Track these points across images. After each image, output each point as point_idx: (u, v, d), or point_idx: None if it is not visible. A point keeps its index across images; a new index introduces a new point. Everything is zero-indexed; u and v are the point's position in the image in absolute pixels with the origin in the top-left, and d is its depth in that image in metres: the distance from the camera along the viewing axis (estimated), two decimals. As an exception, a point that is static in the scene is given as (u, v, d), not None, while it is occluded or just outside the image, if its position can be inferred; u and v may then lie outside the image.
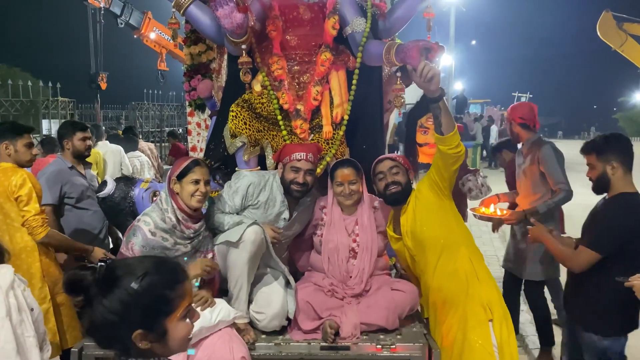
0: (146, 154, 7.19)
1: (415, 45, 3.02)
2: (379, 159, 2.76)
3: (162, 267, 1.32)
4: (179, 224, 2.50)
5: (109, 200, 3.28)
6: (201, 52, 4.46)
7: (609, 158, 2.62)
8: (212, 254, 2.68)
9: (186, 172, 2.53)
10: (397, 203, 2.63)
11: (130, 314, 1.24)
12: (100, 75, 13.31)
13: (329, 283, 2.75)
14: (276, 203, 2.89)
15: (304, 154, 2.85)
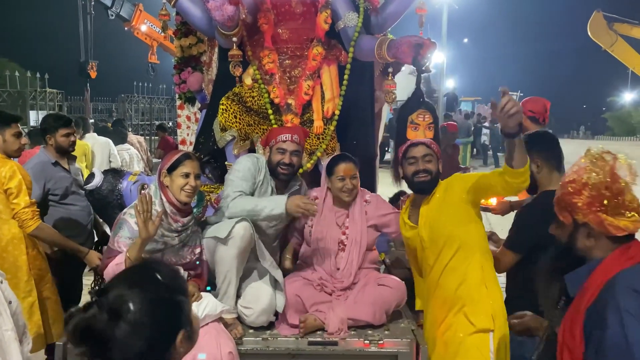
0: (135, 147, 7.13)
1: (407, 41, 3.03)
2: (413, 142, 2.58)
3: (158, 264, 1.28)
4: (166, 217, 2.48)
5: (97, 193, 3.24)
6: (192, 44, 4.40)
7: (533, 157, 2.55)
8: (200, 248, 2.66)
9: (177, 165, 2.50)
10: (422, 192, 2.51)
11: (168, 319, 1.17)
12: (90, 63, 13.03)
13: (318, 277, 2.75)
14: (269, 186, 2.86)
15: (289, 135, 2.82)
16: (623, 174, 1.50)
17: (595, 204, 1.48)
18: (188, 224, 2.57)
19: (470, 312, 2.33)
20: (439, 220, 2.40)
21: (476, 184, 2.39)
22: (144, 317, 1.11)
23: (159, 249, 2.49)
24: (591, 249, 1.54)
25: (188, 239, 2.58)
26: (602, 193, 1.48)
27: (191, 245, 2.60)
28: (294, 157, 2.82)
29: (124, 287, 1.15)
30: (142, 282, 1.18)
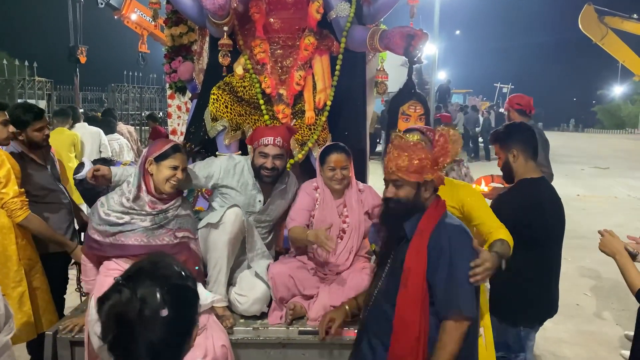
0: (125, 136, 7.08)
1: (400, 32, 3.02)
2: (409, 128, 2.44)
3: (170, 258, 1.35)
4: (136, 200, 2.48)
5: (86, 183, 3.20)
6: (182, 33, 4.38)
7: (510, 146, 2.72)
8: (186, 234, 2.61)
9: (166, 156, 2.49)
10: None
11: (189, 311, 1.27)
12: (80, 48, 12.79)
13: (315, 262, 2.77)
14: (248, 186, 2.87)
15: (271, 139, 2.79)
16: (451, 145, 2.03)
17: (437, 166, 2.01)
18: (168, 208, 2.55)
19: None
20: None
21: (473, 218, 2.39)
22: (170, 308, 1.20)
23: (127, 230, 2.48)
24: (426, 200, 2.05)
25: (167, 222, 2.55)
26: (440, 158, 2.01)
27: (171, 228, 2.56)
28: (276, 161, 2.80)
29: (149, 276, 1.23)
30: (166, 273, 1.25)
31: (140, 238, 2.49)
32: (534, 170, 2.74)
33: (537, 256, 2.59)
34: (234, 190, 2.86)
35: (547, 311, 2.78)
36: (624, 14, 20.65)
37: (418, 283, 1.92)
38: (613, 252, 2.13)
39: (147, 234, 2.50)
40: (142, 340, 1.18)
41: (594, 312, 4.93)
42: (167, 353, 1.22)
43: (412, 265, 1.94)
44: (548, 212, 2.66)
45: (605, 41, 20.88)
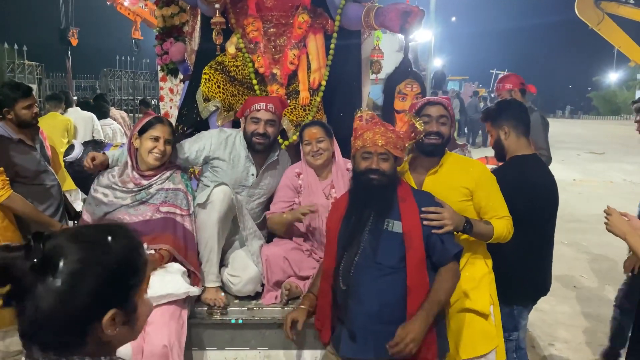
0: (118, 122, 7.01)
1: (395, 9, 2.96)
2: (431, 100, 2.45)
3: (119, 230, 1.08)
4: (121, 176, 2.49)
5: (77, 165, 3.14)
6: (174, 14, 4.29)
7: (501, 124, 2.71)
8: (173, 208, 2.56)
9: (147, 128, 2.50)
10: (430, 154, 2.41)
11: (100, 290, 0.98)
12: (71, 30, 12.60)
13: (309, 244, 2.74)
14: (240, 158, 2.82)
15: (263, 104, 2.78)
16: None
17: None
18: (151, 184, 2.53)
19: (473, 296, 2.34)
20: (442, 194, 2.29)
21: (478, 204, 2.37)
22: (71, 278, 0.95)
23: (110, 211, 2.48)
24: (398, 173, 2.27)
25: (149, 197, 2.52)
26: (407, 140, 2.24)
27: (154, 203, 2.53)
28: (268, 127, 2.77)
29: (67, 239, 1.00)
30: (89, 241, 1.02)
31: (122, 216, 2.48)
32: (525, 147, 2.71)
33: (528, 234, 2.54)
34: (225, 162, 2.81)
35: (540, 289, 2.76)
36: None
37: (420, 244, 2.08)
38: (623, 232, 2.08)
39: (128, 212, 2.49)
40: (29, 309, 0.94)
41: (591, 294, 4.92)
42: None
43: (412, 229, 2.09)
44: (539, 189, 2.62)
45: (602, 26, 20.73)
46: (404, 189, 2.21)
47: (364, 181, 2.15)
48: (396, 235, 2.09)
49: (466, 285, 2.33)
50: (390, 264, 2.07)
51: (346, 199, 2.27)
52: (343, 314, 2.13)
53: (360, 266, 2.10)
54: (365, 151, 2.15)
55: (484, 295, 2.36)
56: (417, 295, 2.04)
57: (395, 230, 2.10)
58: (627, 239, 2.07)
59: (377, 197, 2.13)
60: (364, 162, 2.16)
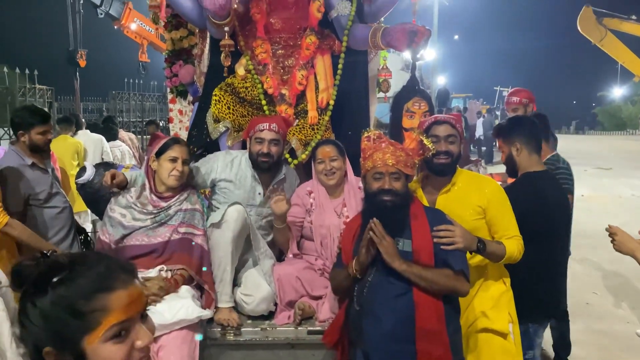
0: (127, 143, 7.07)
1: (402, 29, 3.00)
2: (438, 119, 2.46)
3: (90, 269, 1.02)
4: (139, 197, 2.49)
5: (88, 187, 3.17)
6: (182, 37, 4.37)
7: (513, 140, 2.69)
8: (189, 228, 2.58)
9: (165, 150, 2.52)
10: (441, 174, 2.42)
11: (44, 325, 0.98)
12: (79, 52, 12.79)
13: (321, 263, 2.73)
14: (247, 178, 2.85)
15: (267, 124, 2.81)
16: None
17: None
18: (170, 205, 2.54)
19: (492, 315, 2.32)
20: (455, 212, 2.30)
21: (490, 222, 2.36)
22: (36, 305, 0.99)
23: (127, 234, 2.48)
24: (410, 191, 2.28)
25: (168, 219, 2.54)
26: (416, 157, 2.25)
27: (173, 224, 2.54)
28: (272, 147, 2.80)
29: (55, 267, 1.01)
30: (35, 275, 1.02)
31: (142, 238, 2.48)
32: (537, 164, 2.70)
33: (542, 251, 2.52)
34: (231, 183, 2.84)
35: (555, 307, 2.74)
36: (622, 15, 20.68)
37: (429, 260, 2.07)
38: (632, 249, 2.08)
39: (147, 233, 2.49)
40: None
41: (604, 310, 4.86)
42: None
43: (421, 247, 2.09)
44: (552, 206, 2.60)
45: (605, 42, 20.89)
46: (416, 207, 2.21)
47: (377, 202, 2.14)
48: (407, 254, 2.08)
49: (484, 305, 2.32)
50: (403, 283, 2.05)
51: (359, 219, 2.27)
52: (357, 335, 2.12)
53: (373, 286, 2.09)
54: (376, 172, 2.15)
55: (503, 314, 2.34)
56: (425, 311, 2.02)
57: (406, 249, 2.09)
58: (636, 256, 2.05)
59: (390, 217, 2.12)
60: (376, 183, 2.15)
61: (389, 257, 2.02)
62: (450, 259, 2.08)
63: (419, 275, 2.02)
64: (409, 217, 2.16)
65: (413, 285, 2.04)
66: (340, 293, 2.36)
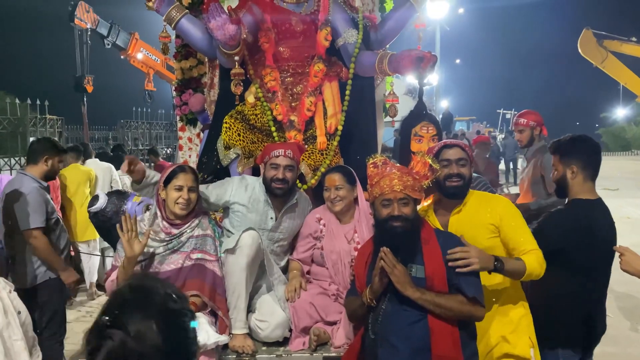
0: (135, 172, 7.12)
1: (408, 55, 3.05)
2: (448, 144, 2.50)
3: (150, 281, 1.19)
4: (150, 225, 2.53)
5: (101, 215, 3.20)
6: (192, 66, 4.45)
7: (570, 162, 2.52)
8: (202, 254, 2.59)
9: (171, 178, 2.55)
10: (454, 197, 2.43)
11: (186, 340, 1.13)
12: (87, 77, 12.96)
13: (335, 288, 2.73)
14: (260, 203, 2.88)
15: (282, 151, 2.85)
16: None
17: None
18: (182, 232, 2.55)
19: (512, 340, 2.31)
20: (469, 233, 2.30)
21: (505, 240, 2.34)
22: (167, 338, 1.06)
23: (142, 260, 2.49)
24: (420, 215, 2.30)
25: (180, 246, 2.56)
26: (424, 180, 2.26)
27: (185, 250, 2.56)
28: (287, 173, 2.83)
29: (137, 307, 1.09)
30: (155, 299, 1.11)
31: (155, 265, 2.50)
32: (591, 192, 2.54)
33: (588, 280, 2.44)
34: (244, 207, 2.86)
35: (597, 336, 2.60)
36: (622, 37, 20.89)
37: (443, 286, 2.07)
38: (639, 269, 2.04)
39: (159, 260, 2.50)
40: None
41: (619, 333, 4.80)
42: None
43: (434, 273, 2.08)
44: (603, 237, 2.44)
45: (606, 64, 21.07)
46: (426, 231, 2.21)
47: (387, 229, 2.14)
48: (420, 280, 2.08)
49: (504, 329, 2.30)
50: (417, 310, 2.05)
51: (371, 246, 2.27)
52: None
53: (388, 314, 2.09)
54: (384, 198, 2.15)
55: (524, 339, 2.32)
56: (440, 338, 2.02)
57: (419, 275, 2.09)
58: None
59: (401, 243, 2.12)
60: (385, 210, 2.15)
61: (402, 285, 2.02)
62: (463, 285, 2.07)
63: (432, 302, 2.02)
64: (420, 242, 2.15)
65: (427, 312, 2.03)
66: (356, 320, 2.36)
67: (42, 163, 3.50)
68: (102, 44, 14.28)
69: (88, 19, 13.08)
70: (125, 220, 2.35)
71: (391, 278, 2.03)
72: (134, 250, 2.33)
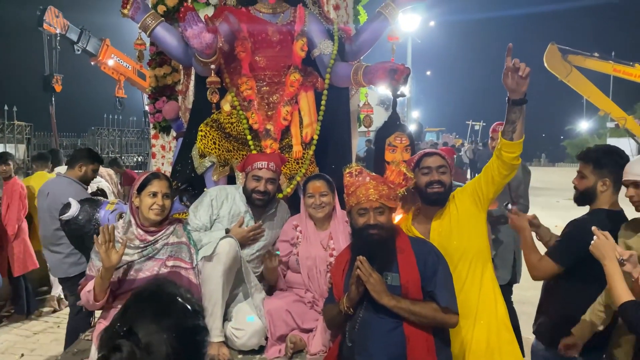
0: (106, 179, 6.99)
1: (383, 67, 3.13)
2: (428, 152, 2.54)
3: (181, 289, 1.22)
4: (125, 233, 2.50)
5: (73, 223, 3.13)
6: (166, 74, 4.43)
7: (604, 174, 2.47)
8: (177, 261, 2.57)
9: (145, 185, 2.53)
10: (435, 203, 2.47)
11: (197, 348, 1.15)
12: (55, 77, 12.64)
13: (311, 296, 2.75)
14: (240, 213, 2.89)
15: (265, 163, 2.87)
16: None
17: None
18: (157, 239, 2.54)
19: (494, 324, 2.37)
20: (452, 234, 2.38)
21: (477, 184, 2.43)
22: (177, 349, 1.08)
23: (117, 268, 2.45)
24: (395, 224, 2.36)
25: (155, 253, 2.54)
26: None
27: (161, 258, 2.55)
28: (269, 185, 2.85)
29: (152, 319, 1.09)
30: (171, 313, 1.11)
31: (130, 272, 2.47)
32: (615, 203, 2.53)
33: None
34: (225, 217, 2.87)
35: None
36: (585, 52, 21.59)
37: (418, 294, 2.12)
38: (603, 255, 1.95)
39: (135, 268, 2.48)
40: None
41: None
42: None
43: (409, 281, 2.13)
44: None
45: (570, 78, 21.70)
46: (402, 240, 2.26)
47: (364, 237, 2.19)
48: (395, 288, 2.12)
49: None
50: (393, 318, 2.09)
51: (348, 253, 2.31)
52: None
53: (364, 322, 2.12)
54: (360, 207, 2.21)
55: None
56: (416, 344, 2.07)
57: (394, 283, 2.13)
58: (605, 264, 1.93)
59: (378, 251, 2.17)
60: (362, 219, 2.21)
61: (377, 294, 2.07)
62: (437, 294, 2.13)
63: (408, 310, 2.07)
64: (395, 250, 2.21)
65: (403, 320, 2.08)
66: (333, 328, 2.39)
67: (77, 169, 3.97)
68: (71, 49, 14.01)
69: (57, 24, 12.82)
70: (103, 232, 2.33)
71: (367, 287, 2.07)
72: (112, 261, 2.30)
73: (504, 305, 2.46)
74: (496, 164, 2.34)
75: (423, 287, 2.14)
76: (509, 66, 2.15)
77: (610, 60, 21.66)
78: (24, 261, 5.20)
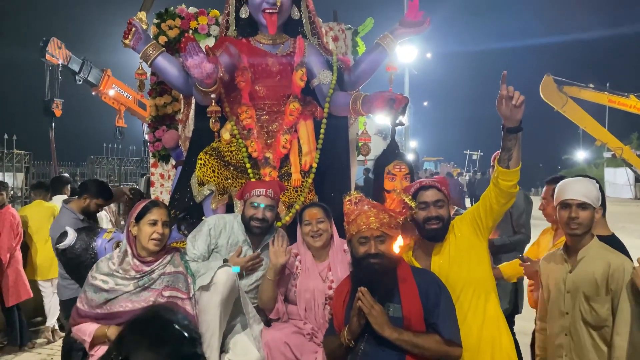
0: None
1: (381, 97, 3.16)
2: (424, 185, 2.48)
3: (169, 315, 1.18)
4: (122, 264, 2.45)
5: (70, 252, 3.09)
6: (167, 103, 4.46)
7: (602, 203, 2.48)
8: (175, 292, 2.50)
9: (144, 213, 2.49)
10: (434, 239, 2.44)
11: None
12: (55, 102, 12.64)
13: (310, 327, 2.69)
14: (238, 242, 2.87)
15: (263, 190, 2.85)
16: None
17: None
18: (153, 270, 2.50)
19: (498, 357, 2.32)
20: (452, 264, 2.34)
21: (476, 212, 2.41)
22: None
23: (111, 298, 2.41)
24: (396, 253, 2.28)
25: (152, 283, 2.48)
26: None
27: (157, 288, 2.49)
28: (267, 212, 2.83)
29: (150, 347, 1.08)
30: (169, 340, 1.10)
31: (125, 303, 2.41)
32: (605, 227, 2.60)
33: None
34: (223, 247, 2.85)
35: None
36: (580, 83, 21.91)
37: (420, 326, 2.09)
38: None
39: (131, 298, 2.43)
40: None
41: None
42: None
43: (412, 312, 2.09)
44: None
45: (566, 109, 21.96)
46: (403, 269, 2.22)
47: (365, 266, 2.15)
48: (397, 320, 2.08)
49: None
50: (395, 351, 2.04)
51: (349, 284, 2.26)
52: None
53: (366, 354, 2.07)
54: (361, 236, 2.17)
55: None
56: None
57: (396, 314, 2.09)
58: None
59: (379, 281, 2.13)
60: (362, 247, 2.17)
61: (379, 326, 2.03)
62: (440, 325, 2.08)
63: (410, 342, 2.03)
64: (397, 280, 2.16)
65: (406, 352, 2.04)
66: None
67: (82, 199, 3.88)
68: (73, 79, 14.13)
69: (60, 55, 12.97)
70: None
71: (369, 319, 2.04)
72: None
73: (509, 336, 2.41)
74: (494, 192, 2.32)
75: (426, 319, 2.10)
76: (503, 94, 2.16)
77: (605, 92, 21.98)
78: (17, 290, 5.11)
